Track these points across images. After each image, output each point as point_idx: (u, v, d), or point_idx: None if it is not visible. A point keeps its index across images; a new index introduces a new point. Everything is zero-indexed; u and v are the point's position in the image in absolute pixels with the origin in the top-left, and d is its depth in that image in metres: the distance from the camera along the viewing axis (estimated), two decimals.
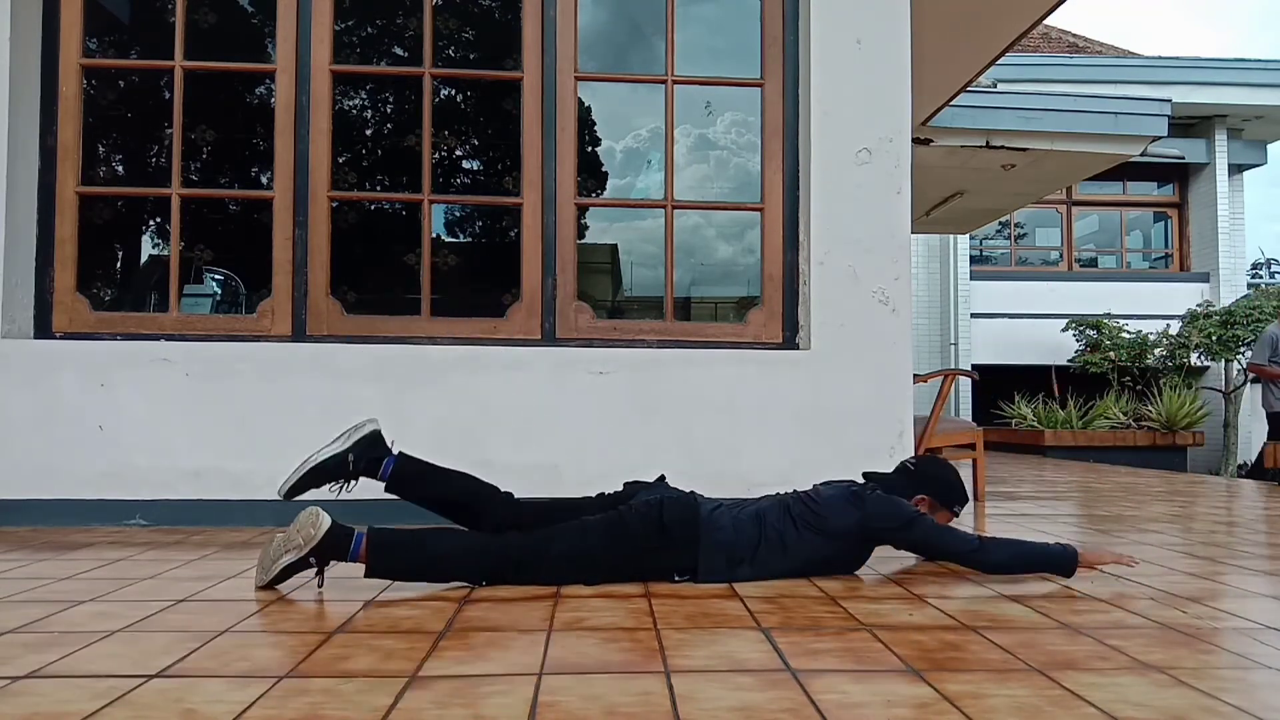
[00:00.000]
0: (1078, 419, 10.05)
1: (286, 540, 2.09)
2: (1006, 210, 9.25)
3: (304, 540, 2.05)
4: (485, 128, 4.20)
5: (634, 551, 2.20)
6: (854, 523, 2.28)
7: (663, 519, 2.19)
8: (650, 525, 2.19)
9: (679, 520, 2.21)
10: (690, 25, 3.82)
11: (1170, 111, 7.18)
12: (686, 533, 2.21)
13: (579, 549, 2.18)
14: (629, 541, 2.19)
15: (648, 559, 2.21)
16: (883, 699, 1.38)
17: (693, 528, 2.22)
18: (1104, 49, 15.09)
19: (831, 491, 2.35)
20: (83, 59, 3.53)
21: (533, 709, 1.32)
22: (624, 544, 2.19)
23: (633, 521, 2.20)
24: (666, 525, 2.18)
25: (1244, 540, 3.13)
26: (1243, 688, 1.47)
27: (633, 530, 2.19)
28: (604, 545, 2.19)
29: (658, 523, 2.19)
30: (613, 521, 2.21)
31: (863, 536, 2.32)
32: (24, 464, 3.26)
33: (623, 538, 2.19)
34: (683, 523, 2.21)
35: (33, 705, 1.32)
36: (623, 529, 2.19)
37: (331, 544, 2.06)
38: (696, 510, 2.25)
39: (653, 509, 2.21)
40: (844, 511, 2.28)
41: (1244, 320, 10.21)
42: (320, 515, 2.08)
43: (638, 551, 2.20)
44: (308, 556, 2.06)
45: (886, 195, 3.53)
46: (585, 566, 2.19)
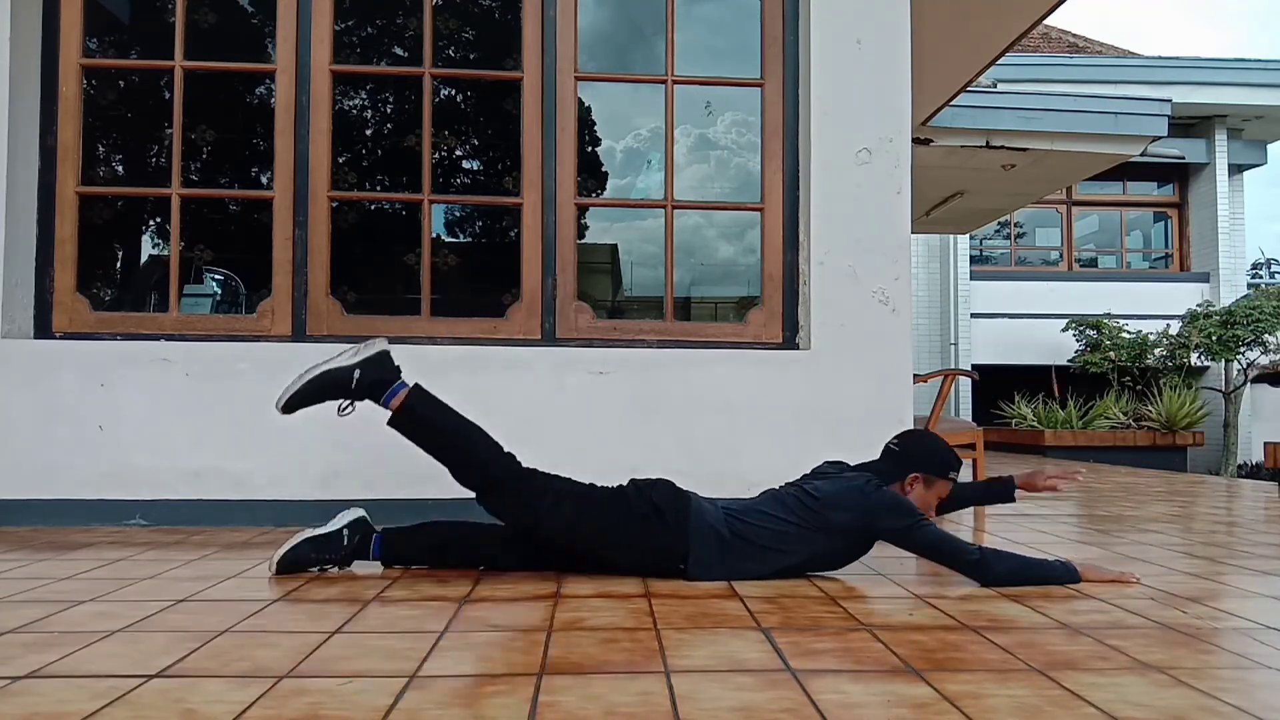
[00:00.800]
0: (1078, 419, 10.04)
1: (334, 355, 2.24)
2: (1006, 210, 9.25)
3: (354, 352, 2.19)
4: (485, 128, 4.20)
5: (629, 518, 2.26)
6: (857, 521, 2.26)
7: (652, 496, 2.28)
8: (643, 499, 2.29)
9: (667, 501, 2.28)
10: (690, 25, 3.82)
11: (1170, 111, 7.19)
12: (677, 515, 2.26)
13: (581, 491, 2.30)
14: (625, 508, 2.27)
15: (640, 529, 2.25)
16: (883, 699, 1.38)
17: (683, 512, 2.27)
18: (1104, 49, 15.09)
19: (831, 487, 2.31)
20: (83, 59, 3.53)
21: (533, 709, 1.32)
22: (620, 509, 2.27)
23: (630, 493, 2.31)
24: (656, 503, 2.27)
25: (1244, 540, 3.13)
26: (1243, 688, 1.47)
27: (629, 499, 2.29)
28: (602, 504, 2.29)
29: (649, 500, 2.28)
30: (614, 492, 2.34)
31: (865, 534, 2.32)
32: (24, 464, 3.26)
33: (620, 502, 2.29)
34: (672, 506, 2.27)
35: (33, 705, 1.32)
36: (621, 498, 2.30)
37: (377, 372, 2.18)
38: (687, 499, 2.31)
39: (644, 486, 2.33)
40: (847, 508, 2.26)
41: (1244, 320, 10.20)
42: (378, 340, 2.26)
43: (633, 520, 2.26)
44: (353, 369, 2.16)
45: (886, 195, 3.53)
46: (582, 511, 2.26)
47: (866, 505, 2.26)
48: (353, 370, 2.13)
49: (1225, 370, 10.94)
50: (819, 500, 2.28)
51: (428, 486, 3.34)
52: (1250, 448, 11.76)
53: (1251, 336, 10.10)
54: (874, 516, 2.26)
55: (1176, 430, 9.78)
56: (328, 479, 3.30)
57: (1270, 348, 10.30)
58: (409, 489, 3.30)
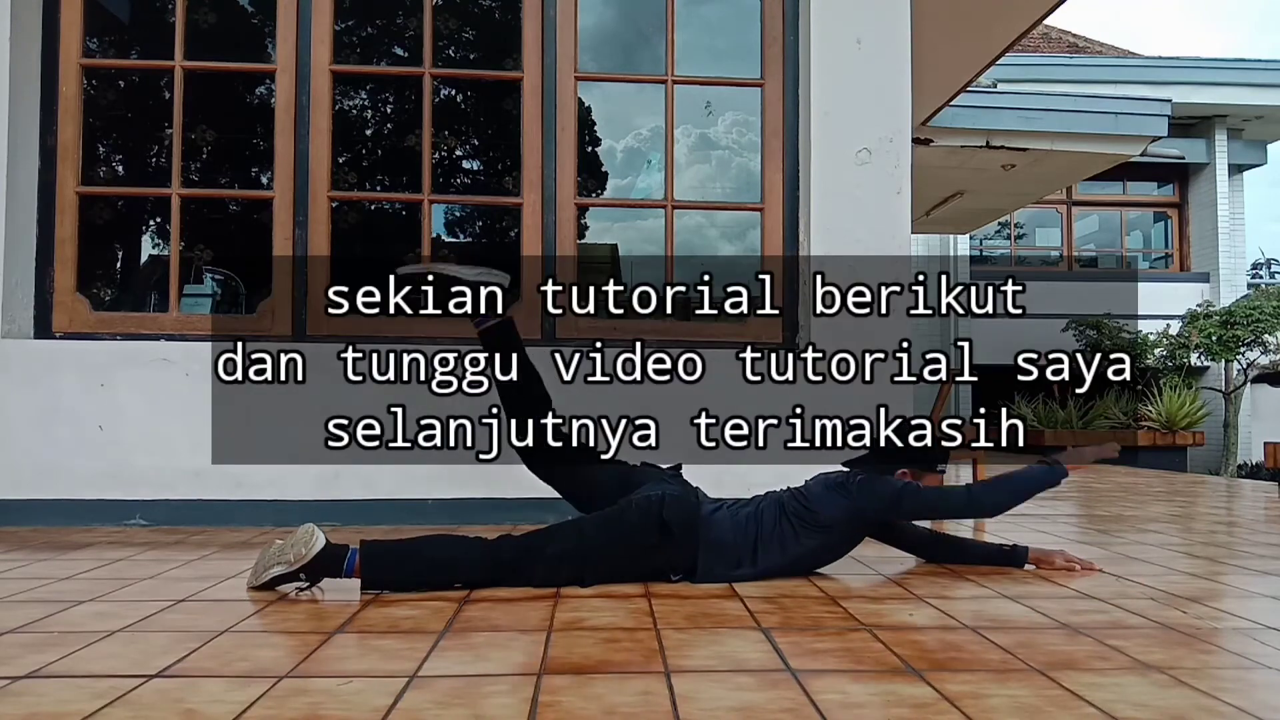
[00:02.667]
0: (1078, 419, 10.04)
1: (280, 552, 2.10)
2: (1006, 210, 9.25)
3: (294, 558, 2.07)
4: (485, 128, 4.20)
5: (632, 550, 2.19)
6: (843, 511, 2.28)
7: (663, 517, 2.17)
8: (650, 521, 2.17)
9: (679, 521, 2.19)
10: (690, 25, 3.82)
11: (1170, 111, 7.19)
12: (686, 534, 2.20)
13: (575, 549, 2.18)
14: (627, 540, 2.18)
15: (645, 558, 2.21)
16: (883, 699, 1.38)
17: (692, 529, 2.21)
18: (1104, 49, 15.09)
19: (819, 486, 2.35)
20: (83, 59, 3.53)
21: (533, 709, 1.31)
22: (621, 543, 2.19)
23: (632, 518, 2.18)
24: (666, 523, 2.16)
25: (1244, 540, 3.13)
26: (1243, 688, 1.47)
27: (631, 527, 2.17)
28: (601, 544, 2.19)
29: (658, 519, 2.17)
30: (610, 519, 2.20)
31: (858, 522, 2.33)
32: (24, 464, 3.25)
33: (620, 537, 2.18)
34: (683, 524, 2.19)
35: (33, 705, 1.32)
36: (621, 528, 2.18)
37: (323, 564, 2.07)
38: (697, 511, 2.24)
39: (654, 506, 2.19)
40: (832, 502, 2.28)
41: (1244, 320, 10.19)
42: (315, 535, 2.08)
43: (635, 550, 2.19)
44: (298, 572, 2.07)
45: (886, 195, 3.53)
46: (582, 566, 2.18)
47: (852, 491, 2.29)
48: (298, 574, 2.07)
49: (1225, 370, 10.93)
50: (809, 499, 2.31)
51: (428, 486, 3.35)
52: (1250, 448, 11.75)
53: (1251, 336, 10.09)
54: (861, 499, 2.28)
55: (1176, 430, 9.77)
56: (328, 479, 3.30)
57: (1270, 348, 10.29)
58: (409, 489, 3.30)
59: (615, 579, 2.22)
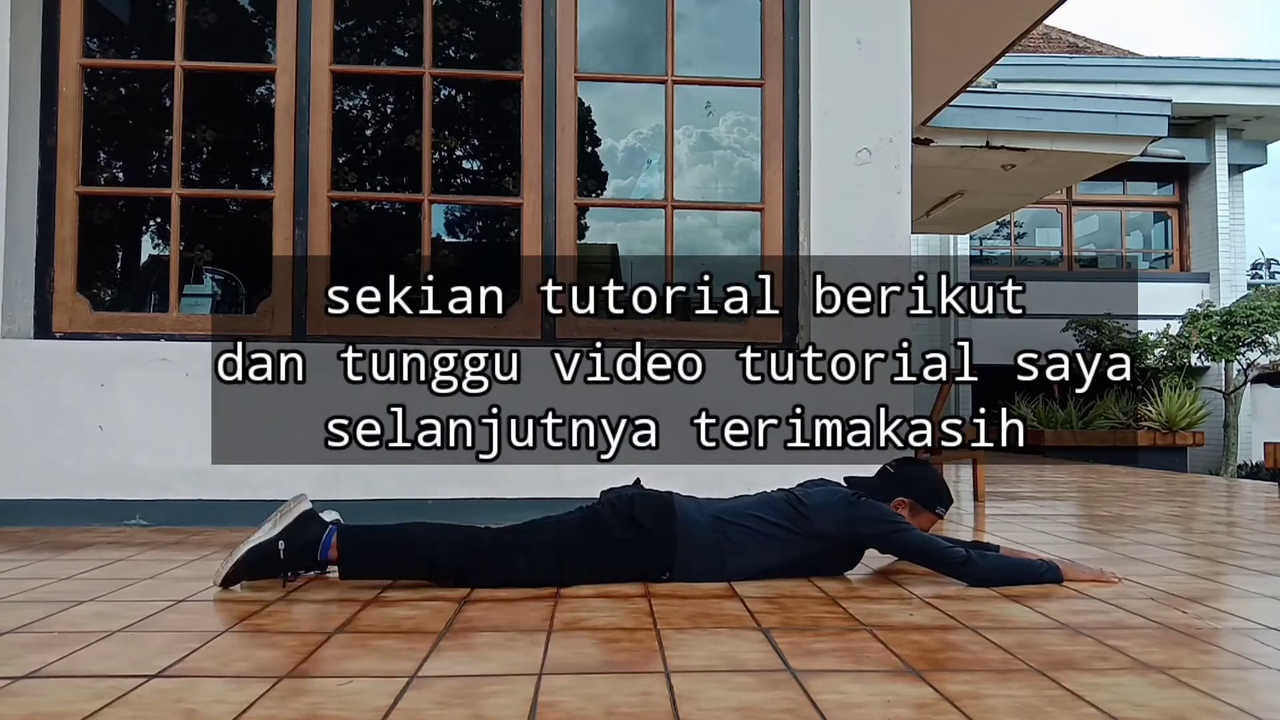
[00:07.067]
0: (1078, 419, 10.04)
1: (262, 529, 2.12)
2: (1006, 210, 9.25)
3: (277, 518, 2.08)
4: (485, 128, 4.20)
5: (608, 547, 2.19)
6: (838, 527, 2.27)
7: (632, 514, 2.19)
8: (621, 518, 2.20)
9: (652, 516, 2.20)
10: (690, 25, 3.82)
11: (1170, 111, 7.19)
12: (662, 530, 2.20)
13: (554, 543, 2.19)
14: (602, 536, 2.19)
15: (623, 555, 2.21)
16: (883, 699, 1.38)
17: (668, 525, 2.21)
18: (1104, 49, 15.09)
19: (822, 496, 2.34)
20: (83, 59, 3.53)
21: (533, 709, 1.32)
22: (597, 539, 2.19)
23: (606, 515, 2.21)
24: (637, 520, 2.18)
25: (1244, 540, 3.13)
26: (1243, 688, 1.47)
27: (605, 524, 2.20)
28: (578, 539, 2.19)
29: (628, 517, 2.19)
30: (588, 517, 2.23)
31: (847, 541, 2.32)
32: (24, 464, 3.26)
33: (597, 533, 2.20)
34: (657, 519, 2.20)
35: (33, 705, 1.32)
36: (596, 524, 2.21)
37: (303, 529, 2.06)
38: (671, 507, 2.25)
39: (623, 503, 2.23)
40: (831, 516, 2.28)
41: (1244, 320, 10.19)
42: (302, 499, 2.10)
43: (612, 547, 2.19)
44: (276, 539, 2.05)
45: (886, 195, 3.53)
46: (560, 561, 2.18)
47: (850, 514, 2.28)
48: (277, 541, 2.05)
49: (1225, 370, 10.93)
50: (807, 506, 2.30)
51: (428, 486, 3.35)
52: (1250, 448, 11.75)
53: (1251, 337, 10.09)
54: (857, 524, 2.27)
55: (1176, 430, 9.77)
56: (328, 479, 3.30)
57: (1270, 348, 10.29)
58: (409, 489, 3.31)
59: (597, 578, 2.22)
